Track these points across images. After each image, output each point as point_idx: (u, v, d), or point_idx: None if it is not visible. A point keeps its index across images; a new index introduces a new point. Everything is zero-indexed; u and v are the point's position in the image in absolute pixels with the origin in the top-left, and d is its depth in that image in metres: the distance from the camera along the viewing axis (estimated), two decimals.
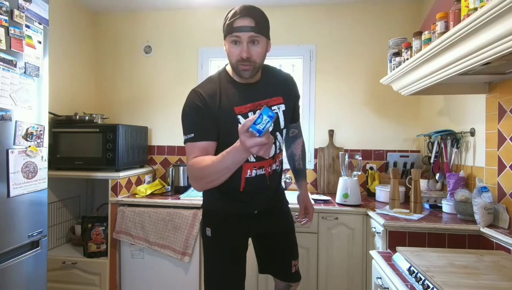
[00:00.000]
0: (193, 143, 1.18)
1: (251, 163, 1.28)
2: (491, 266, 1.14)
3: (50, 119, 2.19)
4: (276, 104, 1.29)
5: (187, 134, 1.20)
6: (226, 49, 1.21)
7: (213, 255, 1.37)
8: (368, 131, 2.54)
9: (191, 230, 2.04)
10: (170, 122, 2.74)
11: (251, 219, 1.39)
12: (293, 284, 1.51)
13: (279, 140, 1.33)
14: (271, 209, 1.43)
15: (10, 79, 1.39)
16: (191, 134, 1.18)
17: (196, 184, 1.15)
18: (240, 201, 1.34)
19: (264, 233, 1.45)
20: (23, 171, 1.48)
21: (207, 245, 1.40)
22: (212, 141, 1.20)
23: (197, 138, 1.18)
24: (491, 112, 1.66)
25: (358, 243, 1.95)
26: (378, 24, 2.53)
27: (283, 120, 1.31)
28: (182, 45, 2.73)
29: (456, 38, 1.18)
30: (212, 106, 1.20)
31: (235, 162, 1.02)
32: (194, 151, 1.17)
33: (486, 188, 1.55)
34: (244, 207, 1.36)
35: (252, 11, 1.15)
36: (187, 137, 1.20)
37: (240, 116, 1.22)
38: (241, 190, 1.31)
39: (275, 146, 1.32)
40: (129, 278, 2.15)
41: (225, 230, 1.36)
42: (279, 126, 1.30)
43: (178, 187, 2.42)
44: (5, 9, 1.37)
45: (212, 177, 1.08)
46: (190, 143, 1.19)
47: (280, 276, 1.50)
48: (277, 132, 1.31)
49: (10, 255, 1.43)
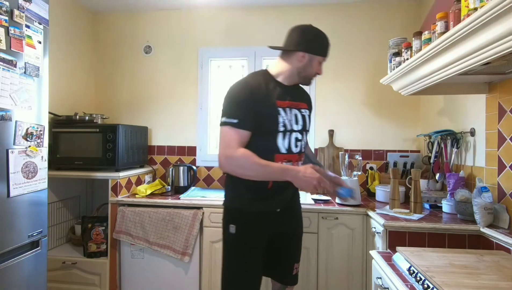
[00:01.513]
0: (235, 128, 1.27)
1: (283, 154, 1.37)
2: (491, 266, 1.14)
3: (50, 119, 2.19)
4: (304, 108, 1.46)
5: (230, 118, 1.28)
6: (308, 63, 1.37)
7: (236, 252, 1.39)
8: (368, 131, 2.54)
9: (191, 230, 2.04)
10: (170, 122, 2.74)
11: (273, 217, 1.43)
12: (289, 287, 1.52)
13: (304, 140, 1.46)
14: (289, 210, 1.49)
15: (10, 79, 1.40)
16: (235, 119, 1.27)
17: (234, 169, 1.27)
18: (266, 198, 1.39)
19: (280, 233, 1.47)
20: (23, 171, 1.48)
21: (230, 242, 1.41)
22: (250, 131, 1.30)
23: (240, 125, 1.28)
24: (491, 112, 1.66)
25: (358, 243, 1.95)
26: (378, 24, 2.53)
27: (308, 122, 1.48)
28: (182, 45, 2.73)
29: (456, 38, 1.18)
30: (257, 97, 1.32)
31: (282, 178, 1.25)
32: (236, 137, 1.27)
33: (486, 188, 1.55)
34: (268, 205, 1.41)
35: None
36: (229, 121, 1.28)
37: (280, 109, 1.36)
38: (269, 187, 1.37)
39: (301, 144, 1.44)
40: (129, 278, 2.15)
41: (249, 228, 1.39)
42: (306, 127, 1.46)
43: (178, 187, 2.42)
44: (5, 9, 1.37)
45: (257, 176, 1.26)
46: (230, 127, 1.27)
47: (279, 278, 1.51)
48: (304, 132, 1.44)
49: (10, 255, 1.43)
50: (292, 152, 1.39)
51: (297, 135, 1.39)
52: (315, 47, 1.37)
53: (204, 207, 2.08)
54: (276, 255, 1.49)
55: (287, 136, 1.36)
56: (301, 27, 1.39)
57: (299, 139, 1.41)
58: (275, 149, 1.35)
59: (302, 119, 1.42)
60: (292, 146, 1.38)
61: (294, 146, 1.39)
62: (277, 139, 1.35)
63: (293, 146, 1.39)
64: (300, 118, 1.41)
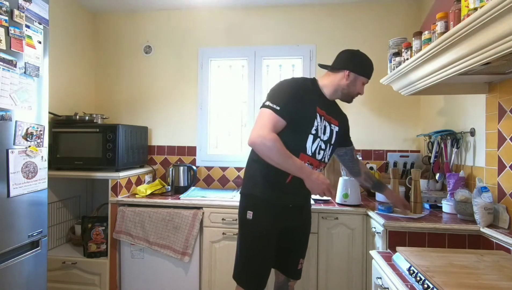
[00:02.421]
0: (274, 114, 1.37)
1: (308, 156, 1.47)
2: (491, 266, 1.14)
3: (50, 119, 2.19)
4: (334, 124, 1.58)
5: (274, 103, 1.38)
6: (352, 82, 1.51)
7: (251, 237, 1.49)
8: (368, 131, 2.54)
9: (191, 230, 2.04)
10: (170, 122, 2.74)
11: (286, 212, 1.51)
12: (292, 281, 1.62)
13: (328, 151, 1.55)
14: (302, 207, 1.59)
15: (10, 79, 1.40)
16: (278, 106, 1.37)
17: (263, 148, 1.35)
18: (283, 193, 1.47)
19: (290, 228, 1.56)
20: (23, 171, 1.48)
21: (245, 228, 1.51)
22: (285, 122, 1.40)
23: (280, 113, 1.37)
24: (491, 112, 1.66)
25: (358, 243, 1.95)
26: (378, 24, 2.53)
27: (335, 138, 1.58)
28: (182, 45, 2.73)
29: (456, 38, 1.18)
30: (303, 96, 1.44)
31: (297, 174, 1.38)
32: (274, 121, 1.36)
33: (486, 188, 1.55)
34: (284, 199, 1.49)
35: None
36: (271, 105, 1.38)
37: (318, 115, 1.48)
38: (288, 181, 1.45)
39: (324, 153, 1.53)
40: (129, 278, 2.15)
41: (265, 216, 1.47)
42: (331, 140, 1.56)
43: (178, 187, 2.42)
44: (5, 9, 1.37)
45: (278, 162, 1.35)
46: (271, 111, 1.37)
47: (284, 269, 1.61)
48: (328, 144, 1.54)
49: (10, 255, 1.43)
50: (315, 156, 1.49)
51: (321, 144, 1.50)
52: (361, 68, 1.51)
53: (204, 207, 2.08)
54: (284, 248, 1.58)
55: (316, 141, 1.48)
56: (350, 50, 1.56)
57: (322, 148, 1.51)
58: (303, 148, 1.45)
59: (330, 132, 1.54)
60: (317, 151, 1.49)
61: (317, 152, 1.50)
62: (307, 140, 1.45)
63: (317, 151, 1.49)
64: (328, 131, 1.53)
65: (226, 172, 2.66)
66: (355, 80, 1.51)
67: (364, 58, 1.53)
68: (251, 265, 1.48)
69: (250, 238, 1.49)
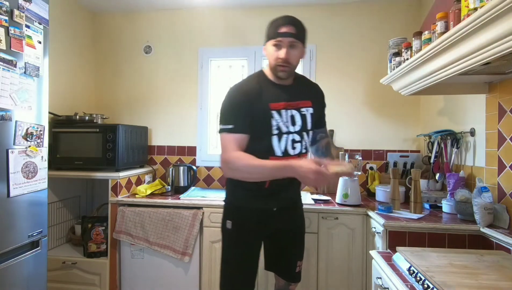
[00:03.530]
0: (231, 134, 1.30)
1: (279, 157, 1.36)
2: (491, 266, 1.14)
3: (50, 119, 2.19)
4: (305, 106, 1.42)
5: (226, 124, 1.32)
6: (267, 51, 1.36)
7: (231, 247, 1.44)
8: (368, 131, 2.54)
9: (191, 230, 2.04)
10: (170, 122, 2.74)
11: (270, 216, 1.44)
12: (293, 284, 1.56)
13: (305, 140, 1.43)
14: (288, 208, 1.50)
15: (10, 79, 1.39)
16: (230, 125, 1.31)
17: (231, 172, 1.30)
18: (264, 197, 1.41)
19: (279, 230, 1.49)
20: (23, 171, 1.48)
21: (226, 237, 1.46)
22: (246, 134, 1.33)
23: (236, 130, 1.30)
24: (491, 112, 1.66)
25: (358, 243, 1.95)
26: (378, 24, 2.53)
27: (310, 122, 1.43)
28: (182, 45, 2.73)
29: (456, 38, 1.18)
30: (251, 101, 1.33)
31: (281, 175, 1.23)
32: (232, 141, 1.30)
33: (486, 188, 1.55)
34: (265, 203, 1.43)
35: (294, 20, 1.34)
36: (225, 127, 1.31)
37: (274, 112, 1.34)
38: (266, 186, 1.38)
39: (301, 145, 1.41)
40: (129, 278, 2.15)
41: (245, 224, 1.42)
42: (307, 127, 1.42)
43: (178, 187, 2.42)
44: (5, 9, 1.37)
45: (254, 176, 1.27)
46: (227, 133, 1.31)
47: (283, 274, 1.55)
48: (304, 132, 1.41)
49: (10, 255, 1.43)
50: (288, 154, 1.37)
51: (294, 137, 1.38)
52: (267, 33, 1.36)
53: (204, 207, 2.08)
54: (278, 252, 1.53)
55: (283, 138, 1.36)
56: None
57: (297, 141, 1.39)
58: (271, 151, 1.35)
59: (302, 119, 1.39)
60: (289, 148, 1.37)
61: (291, 148, 1.38)
62: (272, 142, 1.35)
63: (289, 148, 1.38)
64: (298, 119, 1.38)
65: None
66: (267, 50, 1.36)
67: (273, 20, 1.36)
68: (236, 275, 1.43)
69: (231, 248, 1.44)
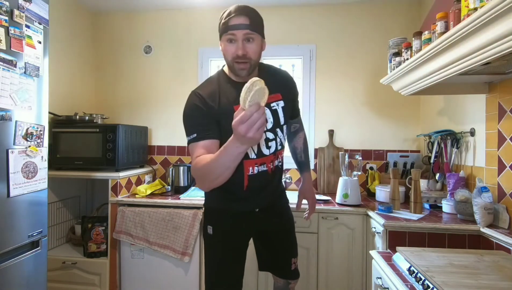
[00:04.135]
0: (196, 143, 1.19)
1: (252, 159, 1.28)
2: (491, 266, 1.14)
3: (50, 119, 2.19)
4: (275, 100, 1.30)
5: (190, 135, 1.22)
6: (222, 48, 1.23)
7: (214, 253, 1.38)
8: (368, 131, 2.54)
9: (191, 230, 2.04)
10: (170, 122, 2.74)
11: (253, 217, 1.39)
12: (292, 282, 1.54)
13: (280, 137, 1.33)
14: (272, 207, 1.44)
15: (10, 79, 1.39)
16: (194, 134, 1.20)
17: (201, 184, 1.15)
18: (243, 199, 1.35)
19: (265, 231, 1.45)
20: (23, 171, 1.48)
21: (208, 243, 1.41)
22: (214, 139, 1.20)
23: (199, 138, 1.19)
24: (491, 112, 1.66)
25: (358, 243, 1.95)
26: (378, 24, 2.53)
27: (283, 117, 1.32)
28: (182, 45, 2.73)
29: (456, 38, 1.18)
30: (212, 106, 1.23)
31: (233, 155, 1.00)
32: (197, 150, 1.17)
33: (486, 188, 1.55)
34: (246, 205, 1.37)
35: (246, 9, 1.17)
36: (190, 138, 1.21)
37: None
38: (245, 189, 1.31)
39: (276, 143, 1.32)
40: (129, 278, 2.15)
41: (227, 228, 1.37)
42: (279, 122, 1.31)
43: (178, 187, 2.42)
44: (5, 9, 1.37)
45: (213, 174, 1.07)
46: (193, 143, 1.20)
47: (279, 273, 1.52)
48: (278, 129, 1.31)
49: (10, 255, 1.43)
50: (263, 154, 1.29)
51: (267, 135, 1.28)
52: (220, 28, 1.22)
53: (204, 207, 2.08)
54: (269, 251, 1.49)
55: None
56: None
57: (270, 139, 1.29)
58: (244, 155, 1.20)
59: (273, 115, 1.28)
60: (263, 148, 1.29)
61: (265, 148, 1.29)
62: None
63: (263, 148, 1.29)
64: (269, 116, 1.27)
65: None
66: (222, 46, 1.23)
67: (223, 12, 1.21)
68: (220, 281, 1.36)
69: (212, 254, 1.38)
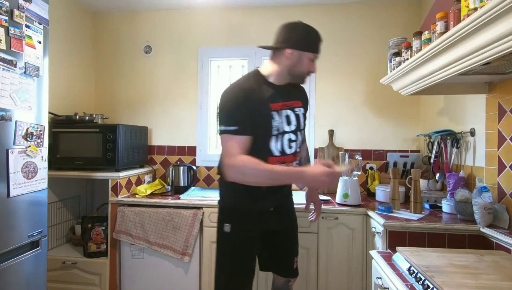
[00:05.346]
0: (236, 136, 1.26)
1: (276, 157, 1.36)
2: (491, 266, 1.14)
3: (50, 119, 2.19)
4: (298, 106, 1.44)
5: (230, 125, 1.26)
6: (297, 59, 1.33)
7: (231, 252, 1.40)
8: (368, 131, 2.54)
9: (191, 230, 2.04)
10: (170, 122, 2.74)
11: (266, 216, 1.45)
12: (292, 280, 1.58)
13: (299, 139, 1.44)
14: (281, 207, 1.51)
15: (10, 79, 1.40)
16: (234, 126, 1.26)
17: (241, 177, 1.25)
18: (262, 198, 1.40)
19: (274, 230, 1.50)
20: (23, 171, 1.48)
21: (224, 241, 1.42)
22: (250, 136, 1.29)
23: (240, 132, 1.26)
24: (491, 112, 1.66)
25: (358, 243, 1.95)
26: (378, 24, 2.53)
27: (303, 122, 1.46)
28: (182, 45, 2.73)
29: (456, 38, 1.18)
30: (251, 101, 1.30)
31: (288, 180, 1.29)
32: (237, 143, 1.26)
33: (486, 188, 1.55)
34: (263, 204, 1.42)
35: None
36: (228, 129, 1.27)
37: (274, 113, 1.34)
38: (263, 187, 1.36)
39: (296, 144, 1.42)
40: (129, 278, 2.15)
41: (243, 226, 1.40)
42: (300, 126, 1.43)
43: (178, 187, 2.42)
44: (5, 9, 1.37)
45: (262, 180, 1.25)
46: (231, 135, 1.26)
47: (282, 272, 1.55)
48: (298, 132, 1.42)
49: (10, 255, 1.43)
50: (286, 153, 1.38)
51: (290, 136, 1.38)
52: (303, 43, 1.32)
53: (204, 207, 2.08)
54: (275, 251, 1.53)
55: (279, 138, 1.36)
56: (289, 24, 1.35)
57: (292, 140, 1.40)
58: (269, 152, 1.34)
59: (296, 118, 1.40)
60: (286, 147, 1.38)
61: (287, 147, 1.38)
62: (270, 143, 1.34)
63: (286, 147, 1.38)
64: (293, 118, 1.39)
65: None
66: (299, 58, 1.32)
67: (306, 30, 1.33)
68: (233, 278, 1.39)
69: (229, 252, 1.40)
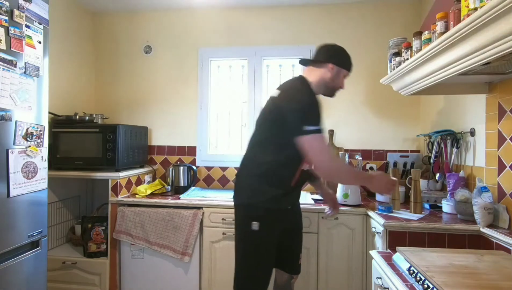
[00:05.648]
0: (321, 135, 1.35)
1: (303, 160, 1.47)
2: (491, 266, 1.14)
3: (50, 119, 2.19)
4: None
5: (315, 125, 1.34)
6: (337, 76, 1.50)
7: (258, 249, 1.45)
8: (368, 131, 2.54)
9: (191, 230, 2.04)
10: (170, 122, 2.74)
11: (287, 214, 1.53)
12: (295, 277, 1.66)
13: None
14: (296, 206, 1.64)
15: (10, 79, 1.40)
16: (318, 126, 1.35)
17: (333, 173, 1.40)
18: (286, 195, 1.48)
19: (291, 227, 1.60)
20: (23, 171, 1.48)
21: (251, 239, 1.45)
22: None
23: (322, 131, 1.36)
24: (491, 112, 1.66)
25: (358, 243, 1.95)
26: (378, 24, 2.53)
27: None
28: (182, 45, 2.73)
29: (456, 38, 1.18)
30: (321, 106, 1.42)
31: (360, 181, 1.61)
32: (325, 143, 1.37)
33: (486, 188, 1.55)
34: (286, 202, 1.50)
35: None
36: (314, 128, 1.33)
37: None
38: (293, 184, 1.47)
39: None
40: (129, 278, 2.15)
41: (274, 225, 1.47)
42: None
43: (178, 187, 2.42)
44: (5, 9, 1.37)
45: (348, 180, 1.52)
46: (319, 134, 1.34)
47: (288, 268, 1.63)
48: None
49: (10, 255, 1.43)
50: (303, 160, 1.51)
51: None
52: (344, 61, 1.52)
53: (204, 207, 2.08)
54: (285, 248, 1.59)
55: None
56: (330, 44, 1.55)
57: None
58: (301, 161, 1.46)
59: None
60: None
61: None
62: None
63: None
64: None
65: (226, 172, 2.66)
66: (338, 73, 1.51)
67: (345, 52, 1.55)
68: (258, 276, 1.46)
69: (257, 249, 1.45)
